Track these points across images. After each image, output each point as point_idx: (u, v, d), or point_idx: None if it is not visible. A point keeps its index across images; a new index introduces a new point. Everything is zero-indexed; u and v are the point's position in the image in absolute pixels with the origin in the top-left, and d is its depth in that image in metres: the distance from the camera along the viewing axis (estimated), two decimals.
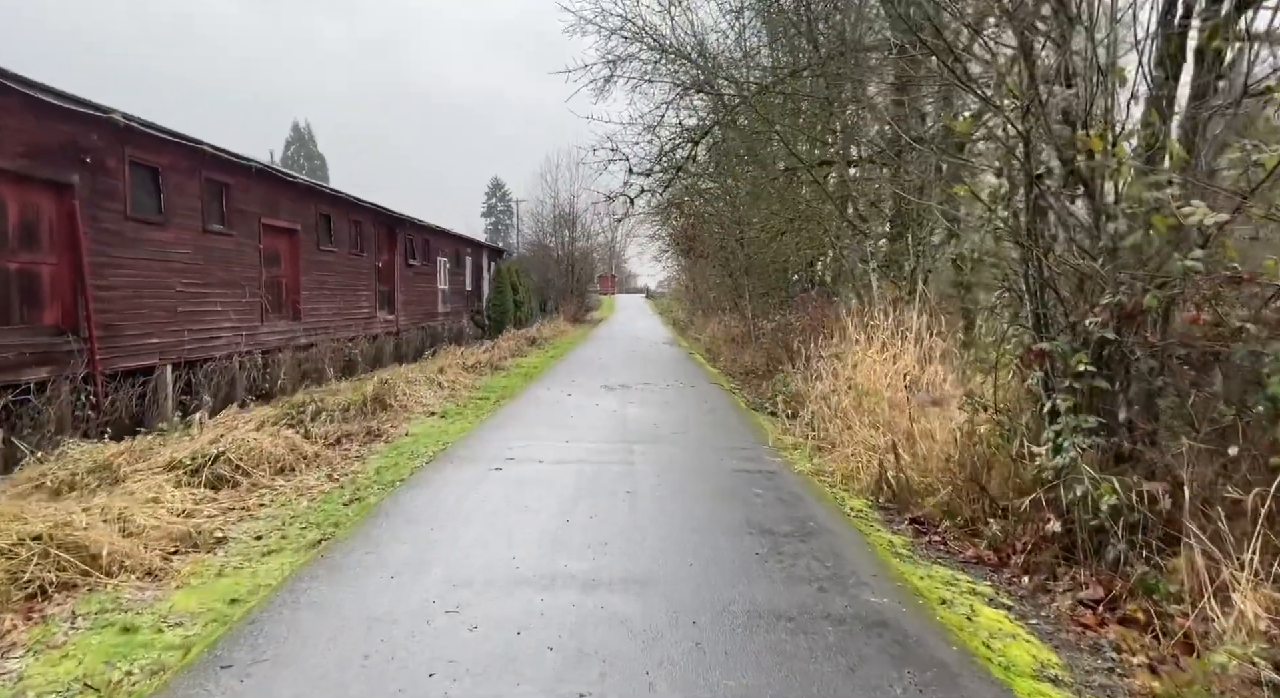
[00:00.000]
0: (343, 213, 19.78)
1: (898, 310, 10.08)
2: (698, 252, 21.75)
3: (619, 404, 11.08)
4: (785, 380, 11.14)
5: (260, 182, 15.63)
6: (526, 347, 20.77)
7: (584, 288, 39.31)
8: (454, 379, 12.66)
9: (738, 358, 17.47)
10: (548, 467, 7.14)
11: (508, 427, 9.30)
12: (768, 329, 15.73)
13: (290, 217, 17.11)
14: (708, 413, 10.51)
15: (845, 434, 7.77)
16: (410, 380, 11.63)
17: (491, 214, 71.71)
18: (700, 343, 23.19)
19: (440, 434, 8.82)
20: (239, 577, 4.49)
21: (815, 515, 5.84)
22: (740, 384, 14.34)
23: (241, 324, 15.02)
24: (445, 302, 27.86)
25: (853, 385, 8.11)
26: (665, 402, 11.46)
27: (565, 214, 38.17)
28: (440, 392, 11.63)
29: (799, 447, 8.23)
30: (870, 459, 6.96)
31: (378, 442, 8.37)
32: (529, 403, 11.23)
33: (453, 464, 7.23)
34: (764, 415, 10.62)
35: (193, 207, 13.52)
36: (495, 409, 10.65)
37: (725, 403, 11.55)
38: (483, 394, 12.01)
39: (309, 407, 9.33)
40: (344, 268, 19.80)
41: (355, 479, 6.75)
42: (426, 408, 10.49)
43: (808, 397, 10.00)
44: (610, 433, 8.90)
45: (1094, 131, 5.08)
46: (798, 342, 13.93)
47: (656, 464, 7.33)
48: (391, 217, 23.02)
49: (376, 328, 21.82)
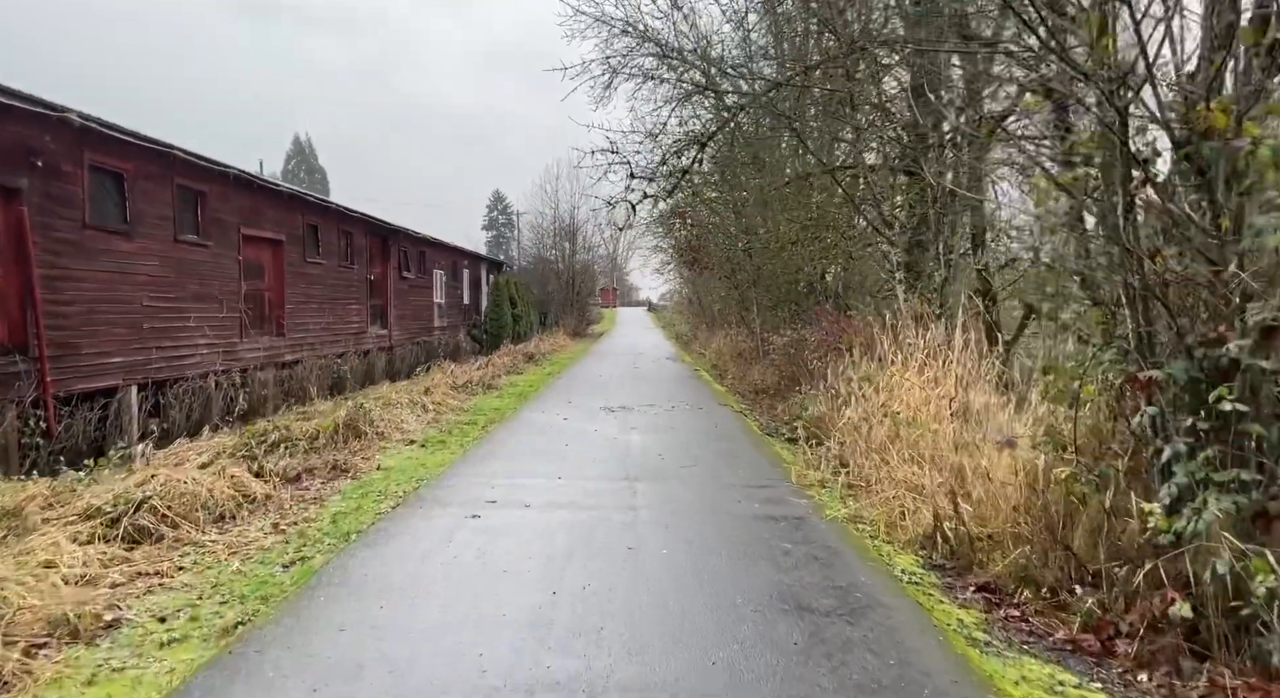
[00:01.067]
0: (331, 223, 18.72)
1: (927, 326, 8.96)
2: (702, 263, 20.65)
3: (620, 430, 9.93)
4: (804, 403, 10.00)
5: (239, 190, 14.57)
6: (523, 363, 19.60)
7: (585, 301, 38.10)
8: (440, 401, 11.51)
9: (746, 375, 16.33)
10: (535, 513, 5.99)
11: (494, 458, 8.15)
12: (779, 345, 14.61)
13: (274, 227, 16.04)
14: (719, 440, 9.36)
15: (882, 470, 6.63)
16: (391, 402, 10.49)
17: (493, 227, 70.77)
18: (705, 358, 22.02)
19: (416, 468, 7.67)
20: (113, 688, 3.34)
21: (860, 582, 4.68)
22: (751, 405, 13.18)
23: (218, 341, 13.92)
24: (441, 316, 26.77)
25: (889, 413, 6.97)
26: (671, 426, 10.31)
27: (565, 226, 37.14)
28: (424, 415, 10.48)
29: (827, 484, 7.06)
30: (917, 504, 5.81)
31: (343, 478, 7.21)
32: (521, 428, 10.09)
33: (423, 509, 6.08)
34: (780, 442, 9.47)
35: (163, 215, 12.44)
36: (482, 436, 9.49)
37: (737, 428, 10.40)
38: (470, 418, 10.86)
39: (271, 436, 8.19)
40: (332, 281, 18.72)
41: (305, 530, 5.59)
42: (406, 435, 9.34)
43: (832, 423, 8.85)
44: (610, 467, 7.75)
45: (1217, 105, 3.97)
46: (814, 359, 12.80)
47: (663, 509, 6.18)
48: (384, 227, 21.97)
49: (368, 343, 20.71)
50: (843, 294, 15.33)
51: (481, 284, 32.10)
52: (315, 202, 17.59)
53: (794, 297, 16.03)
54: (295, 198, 16.69)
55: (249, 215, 15.08)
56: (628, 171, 11.35)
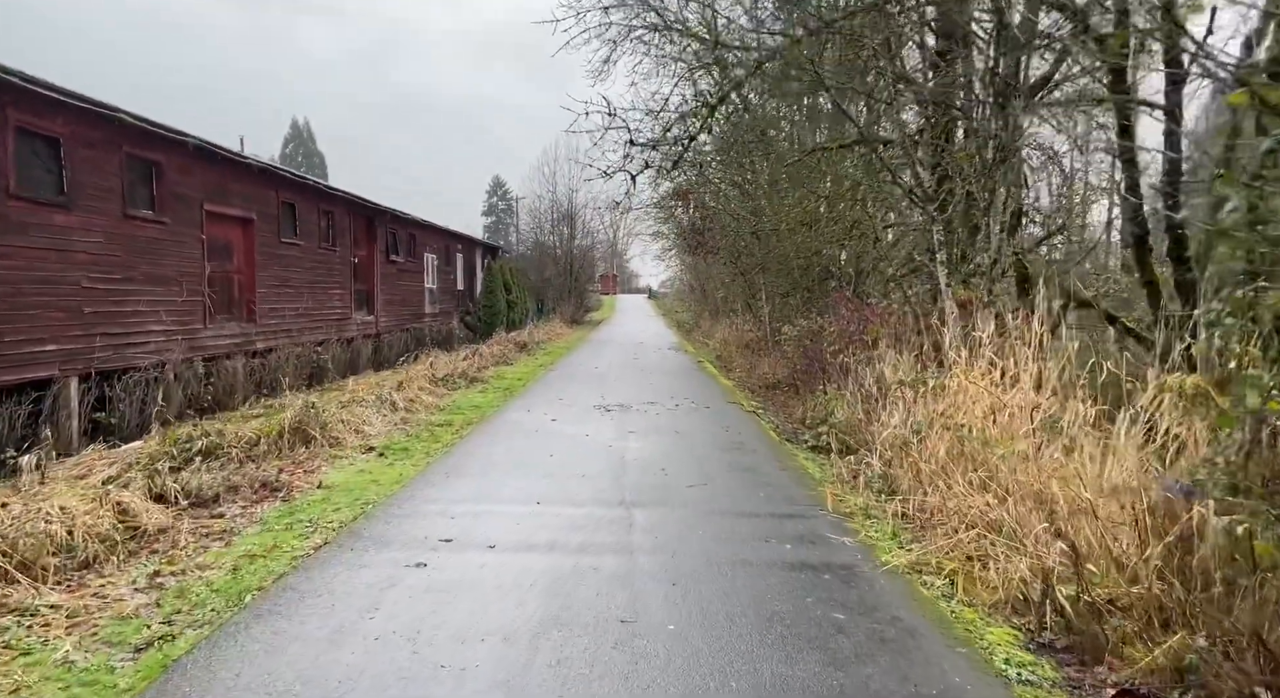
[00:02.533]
0: (310, 202, 17.14)
1: (973, 316, 7.45)
2: (707, 248, 19.07)
3: (616, 434, 8.42)
4: (829, 405, 8.49)
5: (202, 162, 12.99)
6: (514, 353, 18.03)
7: (583, 288, 36.32)
8: (414, 397, 9.97)
9: (754, 367, 14.82)
10: (500, 559, 4.49)
11: (462, 474, 6.64)
12: (791, 335, 13.08)
13: (243, 204, 14.47)
14: (732, 449, 7.85)
15: (944, 495, 5.15)
16: (356, 399, 8.97)
17: (492, 213, 68.92)
18: (709, 348, 20.44)
19: (366, 487, 6.16)
20: None
21: (954, 684, 3.19)
22: (762, 402, 11.67)
23: (177, 327, 12.40)
24: (433, 302, 25.21)
25: (952, 425, 5.46)
26: (675, 430, 8.80)
27: (564, 210, 35.37)
28: (391, 415, 8.95)
29: (872, 514, 5.54)
30: (1001, 550, 4.32)
31: (271, 501, 5.71)
32: (501, 432, 8.57)
33: (356, 552, 4.58)
34: (803, 451, 7.96)
35: (108, 187, 10.88)
36: (454, 442, 7.97)
37: (752, 432, 8.88)
38: (446, 418, 9.32)
39: (196, 443, 6.68)
40: (311, 263, 17.16)
41: (189, 586, 4.09)
42: (365, 440, 7.83)
43: (866, 431, 7.35)
44: (602, 486, 6.24)
45: None
46: (831, 351, 11.29)
47: (669, 553, 4.68)
48: (369, 207, 20.36)
49: (352, 330, 19.18)
50: (857, 280, 13.82)
51: (476, 269, 30.52)
52: (291, 177, 15.98)
53: (807, 283, 14.50)
54: (268, 173, 15.10)
55: (214, 191, 13.52)
56: (627, 138, 9.77)
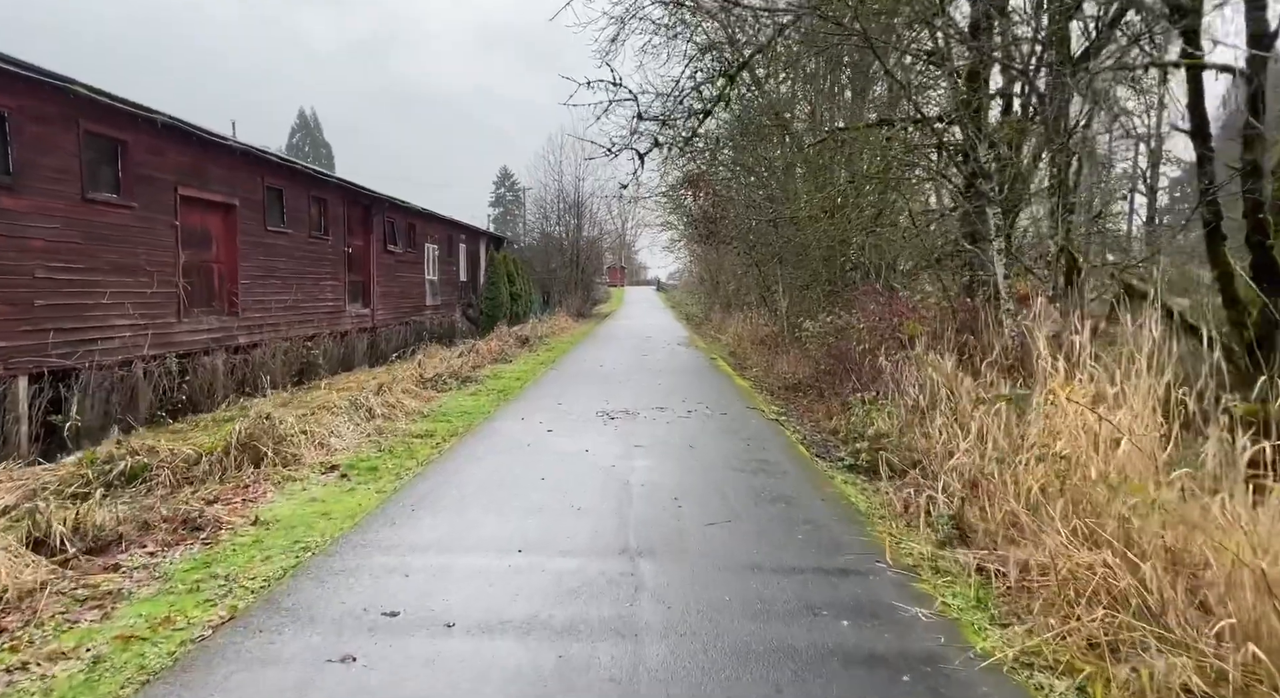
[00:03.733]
0: (300, 188, 15.92)
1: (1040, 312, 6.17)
2: (720, 237, 17.75)
3: (620, 450, 7.16)
4: (867, 415, 7.22)
5: (176, 142, 11.79)
6: (514, 349, 16.75)
7: (590, 280, 34.83)
8: (395, 401, 8.73)
9: (772, 366, 13.53)
10: (458, 647, 3.25)
11: (431, 506, 5.40)
12: (814, 332, 11.80)
13: (225, 188, 13.28)
14: (757, 469, 6.58)
15: (1035, 543, 3.91)
16: (326, 406, 7.76)
17: (500, 204, 67.54)
18: (721, 344, 19.09)
19: (310, 524, 4.95)
20: None
21: None
22: (784, 407, 10.39)
23: (146, 321, 11.24)
24: (435, 294, 24.02)
25: (1049, 454, 4.19)
26: (689, 443, 7.53)
27: (570, 200, 33.93)
28: (365, 424, 7.72)
29: (942, 567, 4.28)
30: (1151, 639, 3.08)
31: (190, 543, 4.51)
32: (487, 446, 7.31)
33: (265, 636, 3.34)
34: (839, 470, 6.68)
35: (64, 168, 9.71)
36: (431, 460, 6.72)
37: (777, 446, 7.60)
38: (427, 427, 8.08)
39: (119, 464, 5.48)
40: (301, 253, 15.97)
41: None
42: (329, 456, 6.61)
43: (917, 446, 6.08)
44: (602, 525, 5.00)
45: None
46: (860, 351, 10.01)
47: (687, 633, 3.43)
48: (365, 195, 19.14)
49: (346, 324, 18.00)
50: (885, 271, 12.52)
51: (480, 260, 29.28)
52: (277, 161, 14.75)
53: (829, 275, 13.19)
54: (252, 156, 13.87)
55: (191, 174, 12.32)
56: (634, 112, 8.48)
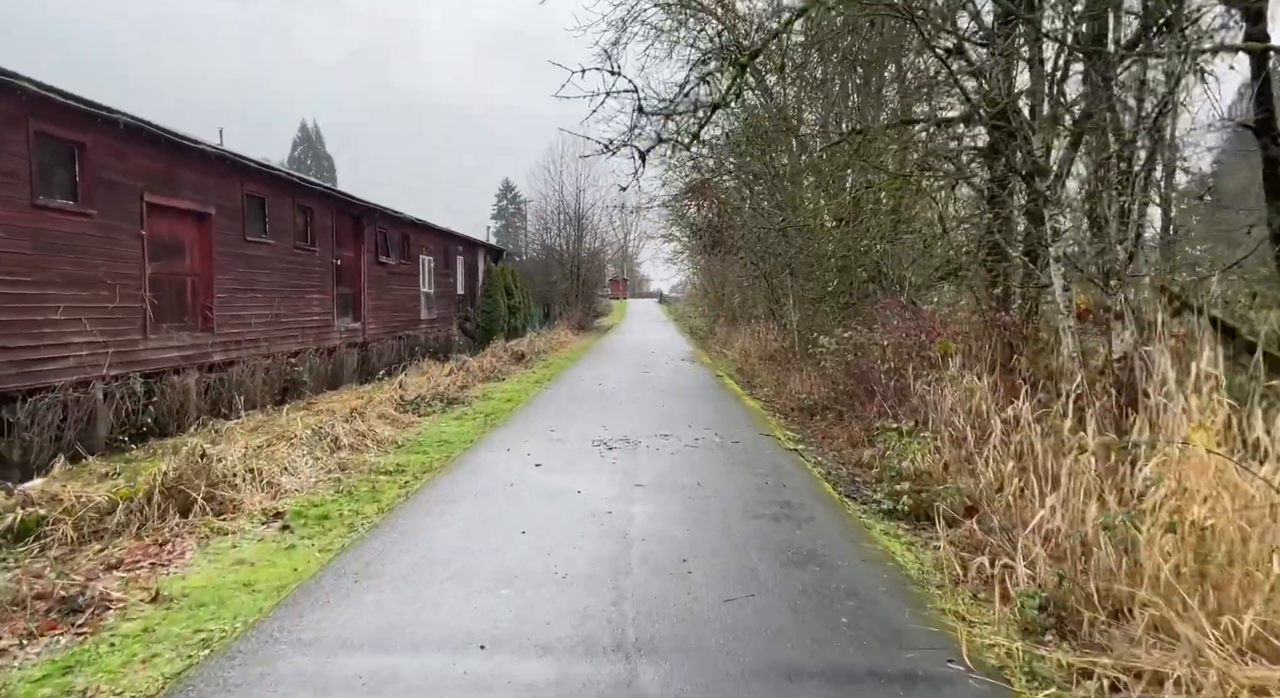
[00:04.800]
0: (284, 197, 14.95)
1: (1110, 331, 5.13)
2: (726, 247, 16.72)
3: (619, 491, 6.09)
4: (904, 447, 6.15)
5: (141, 145, 10.81)
6: (509, 365, 15.66)
7: (591, 292, 33.70)
8: (367, 429, 7.65)
9: (784, 384, 12.46)
10: None
11: (379, 575, 4.30)
12: (830, 348, 10.75)
13: (199, 196, 12.30)
14: (779, 515, 5.50)
15: (1184, 647, 2.85)
16: (284, 435, 6.70)
17: (502, 216, 66.67)
18: (728, 359, 17.99)
19: (224, 601, 3.89)
20: None
21: None
22: (800, 432, 9.31)
23: (107, 338, 10.22)
24: (430, 307, 23.00)
25: (1181, 522, 3.13)
26: (698, 482, 6.45)
27: (570, 211, 32.90)
28: (330, 457, 6.66)
29: (1040, 671, 3.23)
30: None
31: (60, 633, 3.46)
32: (461, 489, 6.19)
33: None
34: (876, 516, 5.62)
35: (12, 171, 8.74)
36: (393, 506, 5.64)
37: (800, 483, 6.51)
38: (400, 460, 7.00)
39: (7, 519, 4.43)
40: (285, 265, 14.97)
41: None
42: (275, 501, 5.55)
43: (970, 488, 5.01)
44: (590, 604, 3.90)
45: None
46: (885, 370, 8.96)
47: None
48: (355, 204, 18.17)
49: (334, 339, 16.97)
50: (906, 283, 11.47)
51: (479, 273, 28.29)
52: (259, 168, 13.76)
53: (845, 286, 12.14)
54: (229, 162, 12.89)
55: (159, 179, 11.35)
56: (634, 105, 7.46)
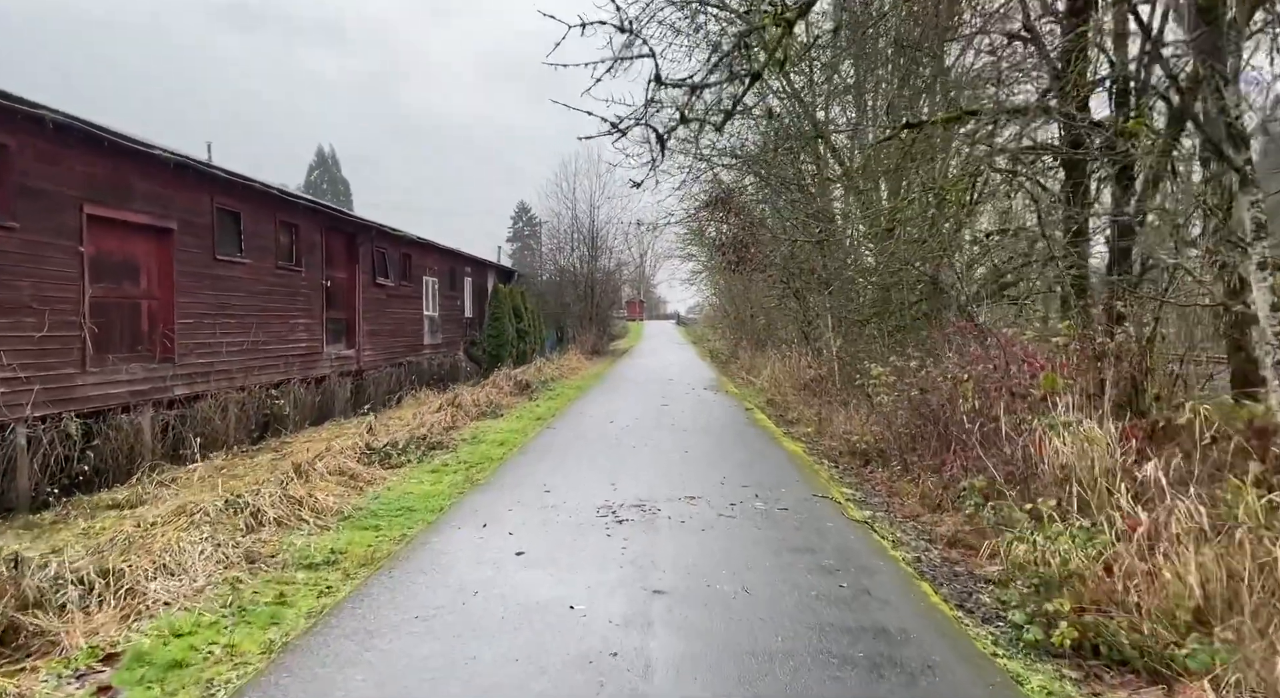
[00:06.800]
0: (264, 211, 13.23)
1: None
2: (753, 263, 14.77)
3: (629, 603, 4.05)
4: (1055, 542, 4.11)
5: (80, 148, 9.11)
6: (511, 397, 13.68)
7: (606, 314, 31.65)
8: (305, 494, 5.70)
9: (827, 420, 10.41)
10: None
11: None
12: (884, 381, 8.72)
13: (156, 208, 10.58)
14: (878, 662, 3.46)
15: None
16: (183, 510, 4.80)
17: (518, 239, 65.35)
18: (755, 387, 15.84)
19: None
20: None
21: None
22: (859, 487, 7.26)
23: (32, 373, 8.45)
24: (435, 332, 21.21)
25: None
26: (743, 586, 4.39)
27: (585, 230, 31.03)
28: (241, 540, 4.71)
29: None
30: None
31: None
32: (403, 600, 4.07)
33: None
34: (1022, 653, 3.59)
35: None
36: (293, 644, 3.68)
37: (893, 587, 4.40)
38: (336, 544, 5.00)
39: None
40: (265, 287, 13.21)
41: None
42: (122, 630, 3.62)
43: (1164, 608, 2.99)
44: None
45: None
46: (968, 411, 6.92)
47: None
48: (347, 221, 16.46)
49: (324, 367, 15.15)
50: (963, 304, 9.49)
51: (488, 295, 26.59)
52: (231, 179, 12.02)
53: (898, 306, 10.12)
54: (193, 170, 11.15)
55: (105, 189, 9.63)
56: (650, 73, 5.50)
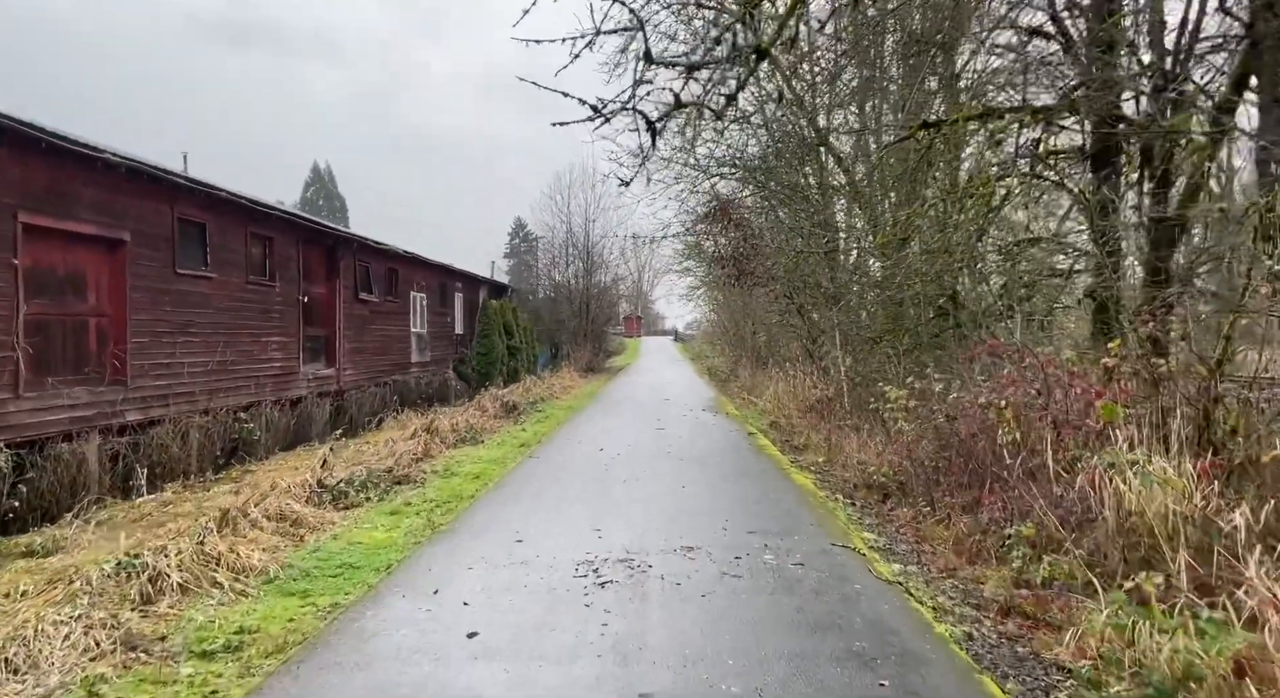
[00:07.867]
0: (233, 222, 12.27)
1: None
2: (753, 277, 13.81)
3: None
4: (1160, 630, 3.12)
5: (13, 151, 8.17)
6: (495, 419, 12.64)
7: (601, 330, 30.55)
8: (226, 550, 4.70)
9: (838, 446, 9.37)
10: None
11: None
12: (901, 405, 7.72)
13: (106, 218, 9.61)
14: None
15: None
16: (57, 577, 3.77)
17: (515, 255, 64.52)
18: (757, 409, 14.80)
19: None
20: None
21: None
22: (880, 529, 6.23)
23: None
24: (423, 349, 20.21)
25: None
26: (756, 688, 3.43)
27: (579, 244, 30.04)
28: (124, 617, 3.68)
29: None
30: None
31: None
32: None
33: None
34: None
35: None
36: None
37: (941, 675, 3.49)
38: (247, 621, 3.93)
39: None
40: (234, 303, 12.22)
41: None
42: None
43: None
44: None
45: None
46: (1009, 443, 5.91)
47: None
48: (327, 233, 15.51)
49: (300, 387, 14.13)
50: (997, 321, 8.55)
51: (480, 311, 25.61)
52: (194, 187, 11.04)
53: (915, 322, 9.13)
54: (148, 177, 10.17)
55: (43, 196, 8.66)
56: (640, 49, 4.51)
